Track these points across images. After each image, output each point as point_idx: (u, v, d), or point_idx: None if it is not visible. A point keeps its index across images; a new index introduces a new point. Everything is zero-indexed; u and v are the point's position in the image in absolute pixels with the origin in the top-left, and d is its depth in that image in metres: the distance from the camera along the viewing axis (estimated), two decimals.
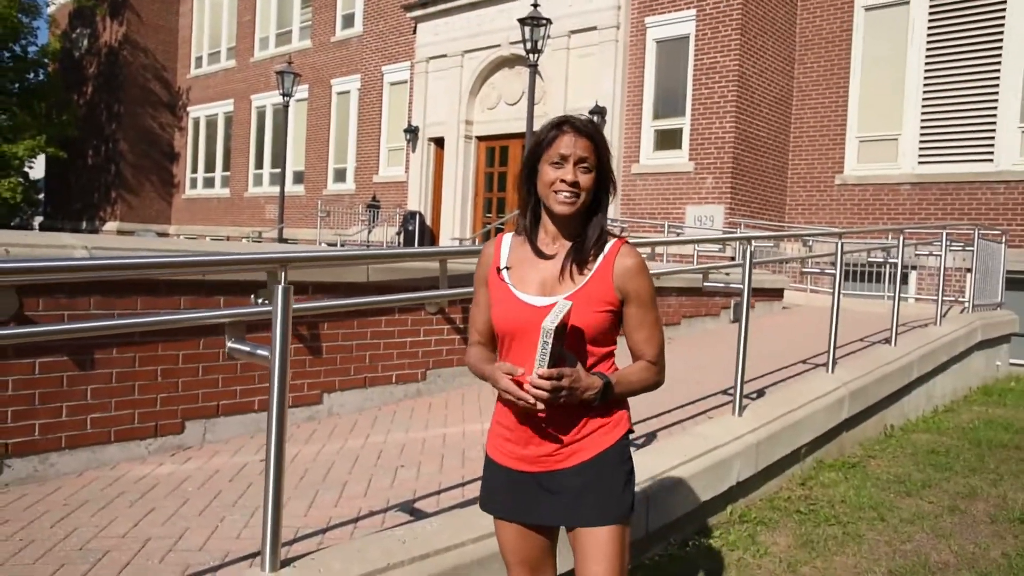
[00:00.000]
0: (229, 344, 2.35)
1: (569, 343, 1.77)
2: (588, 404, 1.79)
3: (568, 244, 1.85)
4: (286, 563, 2.27)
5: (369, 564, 2.32)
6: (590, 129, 1.82)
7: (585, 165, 1.79)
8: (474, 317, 1.99)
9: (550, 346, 1.66)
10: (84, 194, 26.00)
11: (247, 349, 2.32)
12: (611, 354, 1.89)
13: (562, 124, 1.81)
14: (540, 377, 1.68)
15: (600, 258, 1.83)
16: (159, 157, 25.44)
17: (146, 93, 25.16)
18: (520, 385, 1.73)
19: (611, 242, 1.86)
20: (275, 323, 2.12)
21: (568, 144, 1.78)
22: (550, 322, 1.66)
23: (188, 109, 25.42)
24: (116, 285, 3.65)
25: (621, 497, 1.86)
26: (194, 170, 25.40)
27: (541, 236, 1.89)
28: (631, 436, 1.96)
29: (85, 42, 26.51)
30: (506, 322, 1.84)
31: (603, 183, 1.85)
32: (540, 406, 1.71)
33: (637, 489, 3.39)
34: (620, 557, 1.85)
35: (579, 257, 1.83)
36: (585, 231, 1.85)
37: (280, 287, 2.09)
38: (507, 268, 1.88)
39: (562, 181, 1.79)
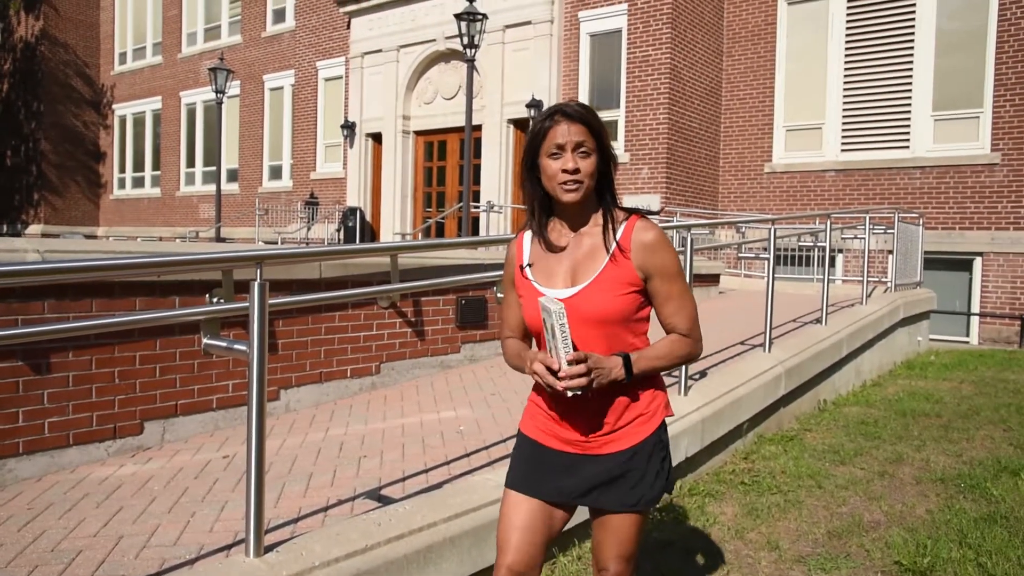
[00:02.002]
0: (205, 340, 2.41)
1: (600, 330, 1.80)
2: (621, 384, 1.80)
3: (585, 230, 1.87)
4: (269, 548, 2.36)
5: (349, 546, 2.42)
6: (582, 112, 1.81)
7: (583, 150, 1.79)
8: (506, 316, 2.02)
9: (567, 328, 1.67)
10: (3, 196, 24.94)
11: (224, 345, 2.39)
12: (643, 333, 1.90)
13: (554, 114, 1.80)
14: (569, 363, 1.69)
15: (616, 239, 1.83)
16: (84, 157, 24.58)
17: (67, 90, 24.26)
18: (554, 374, 1.73)
19: (625, 220, 1.86)
20: (252, 317, 2.20)
21: (563, 132, 1.78)
22: (553, 304, 1.67)
23: (114, 107, 24.64)
24: (70, 288, 3.64)
25: (653, 485, 1.88)
26: (122, 170, 24.65)
27: (556, 228, 1.89)
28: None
29: None
30: (536, 319, 1.83)
31: (606, 164, 1.85)
32: (569, 392, 1.71)
33: None
34: (637, 541, 1.92)
35: (597, 242, 1.84)
36: (599, 215, 1.87)
37: (256, 283, 2.18)
38: (530, 265, 1.89)
39: (564, 171, 1.78)
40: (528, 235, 1.94)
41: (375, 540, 2.48)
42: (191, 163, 22.26)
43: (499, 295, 5.82)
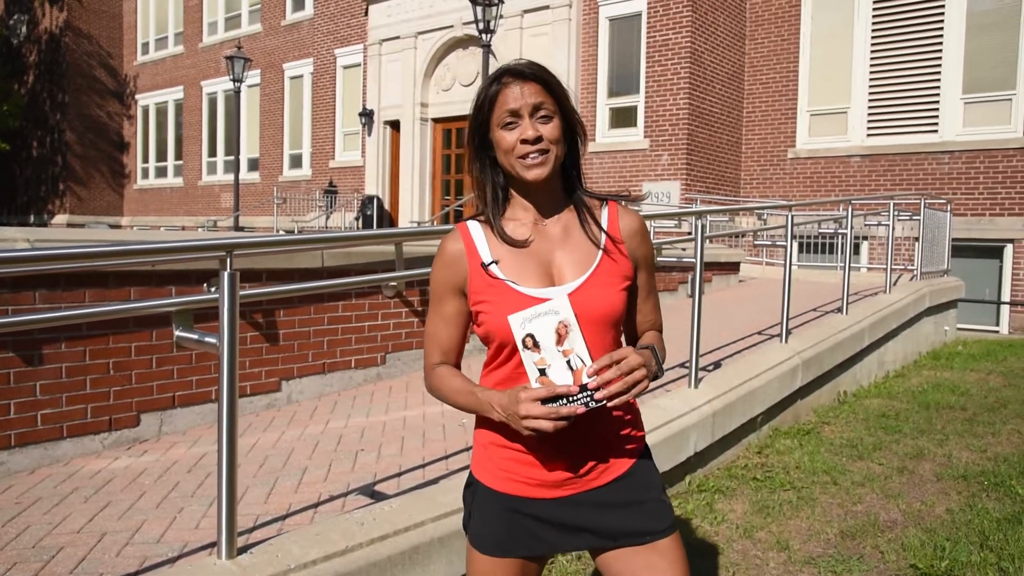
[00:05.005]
0: (177, 333, 2.32)
1: (600, 335, 1.48)
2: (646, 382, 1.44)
3: (556, 218, 1.55)
4: (243, 550, 2.27)
5: (329, 547, 2.33)
6: (536, 70, 1.48)
7: (543, 113, 1.46)
8: (437, 333, 1.58)
9: (580, 330, 1.38)
10: (30, 187, 25.23)
11: (195, 337, 2.30)
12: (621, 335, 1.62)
13: (501, 76, 1.48)
14: (596, 372, 1.36)
15: (604, 227, 1.54)
16: (108, 147, 24.77)
17: (91, 81, 24.41)
18: (560, 398, 1.37)
19: (604, 205, 1.57)
20: (222, 309, 2.10)
21: (515, 96, 1.45)
22: (561, 303, 1.38)
23: (136, 97, 24.78)
24: (62, 278, 3.58)
25: (668, 499, 1.60)
26: (145, 160, 24.81)
27: (519, 215, 1.55)
28: None
29: (23, 29, 25.61)
30: (508, 331, 1.43)
31: (571, 130, 1.52)
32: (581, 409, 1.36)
33: None
34: (688, 565, 1.57)
35: (574, 231, 1.53)
36: (572, 197, 1.57)
37: (226, 273, 2.08)
38: (495, 262, 1.50)
39: (523, 142, 1.45)
40: (476, 226, 1.56)
41: (357, 541, 2.38)
42: (212, 152, 22.33)
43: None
